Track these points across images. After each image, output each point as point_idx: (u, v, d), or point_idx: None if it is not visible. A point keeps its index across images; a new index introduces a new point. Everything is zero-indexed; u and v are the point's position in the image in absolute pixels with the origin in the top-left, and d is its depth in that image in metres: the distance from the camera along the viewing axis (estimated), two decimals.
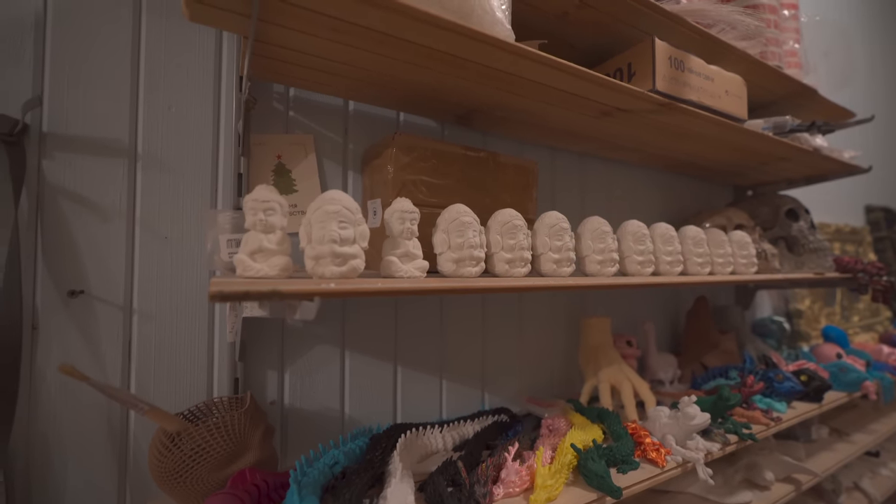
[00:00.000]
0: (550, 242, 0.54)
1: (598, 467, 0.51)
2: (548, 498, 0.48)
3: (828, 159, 0.91)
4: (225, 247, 0.46)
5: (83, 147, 0.49)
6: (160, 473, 0.45)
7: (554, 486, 0.49)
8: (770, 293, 1.27)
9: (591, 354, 0.80)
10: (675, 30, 0.67)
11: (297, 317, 0.36)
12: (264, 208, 0.39)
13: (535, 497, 0.47)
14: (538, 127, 0.72)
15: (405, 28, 0.43)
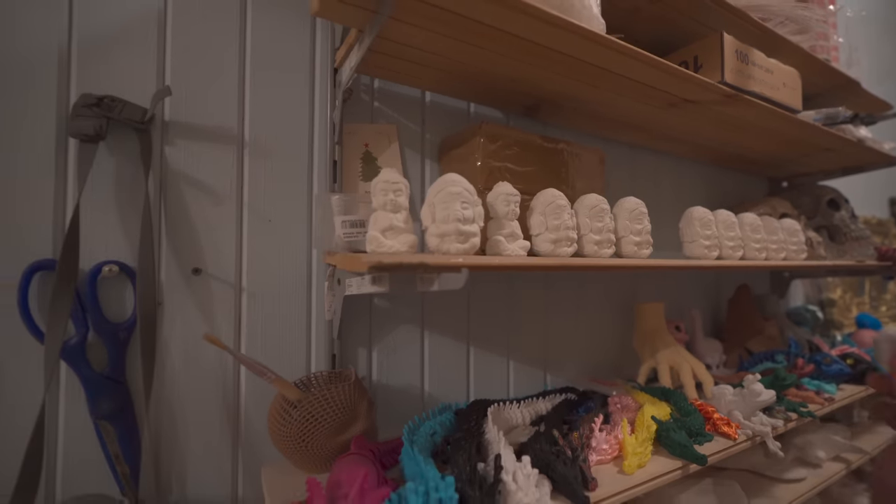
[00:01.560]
0: (631, 226, 0.57)
1: (680, 437, 0.54)
2: (639, 464, 0.51)
3: (870, 150, 0.94)
4: (340, 227, 0.49)
5: (199, 134, 0.53)
6: (282, 438, 0.48)
7: (643, 453, 0.52)
8: (803, 282, 1.30)
9: (646, 338, 0.83)
10: (738, 24, 0.70)
11: (434, 288, 0.39)
12: (394, 189, 0.42)
13: (629, 463, 0.50)
14: (600, 118, 0.75)
15: (513, 22, 0.46)
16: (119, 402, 0.47)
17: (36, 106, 0.45)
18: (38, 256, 0.45)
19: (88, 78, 0.47)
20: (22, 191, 0.44)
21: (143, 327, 0.46)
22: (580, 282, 0.85)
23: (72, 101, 0.47)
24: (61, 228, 0.46)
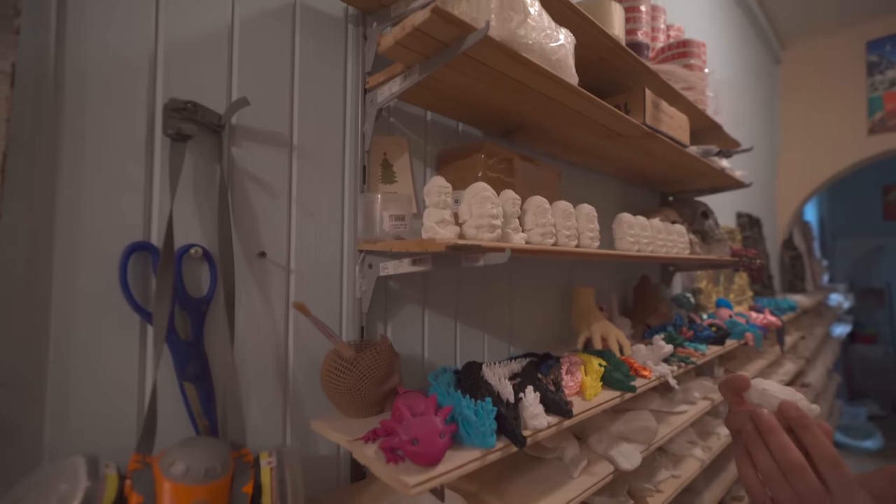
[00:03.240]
0: (587, 225, 0.78)
1: (618, 375, 0.77)
2: (595, 394, 0.72)
3: (728, 176, 1.29)
4: (388, 220, 0.62)
5: (259, 138, 0.62)
6: (338, 389, 0.60)
7: (596, 387, 0.73)
8: (681, 275, 1.67)
9: (581, 315, 1.06)
10: (653, 82, 0.95)
11: (479, 264, 0.54)
12: (445, 192, 0.57)
13: (589, 393, 0.71)
14: (558, 143, 0.96)
15: (523, 75, 0.64)
16: (200, 366, 0.55)
17: (129, 108, 0.52)
18: (131, 239, 0.51)
19: (171, 84, 0.54)
20: (117, 182, 0.51)
21: (227, 302, 0.55)
22: (534, 271, 1.06)
23: (157, 104, 0.53)
24: (149, 214, 0.53)
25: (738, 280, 2.10)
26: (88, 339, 0.48)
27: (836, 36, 2.84)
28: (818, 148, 2.89)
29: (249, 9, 0.61)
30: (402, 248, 0.58)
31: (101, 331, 0.49)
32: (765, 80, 2.89)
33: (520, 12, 0.58)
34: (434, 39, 0.54)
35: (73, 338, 0.48)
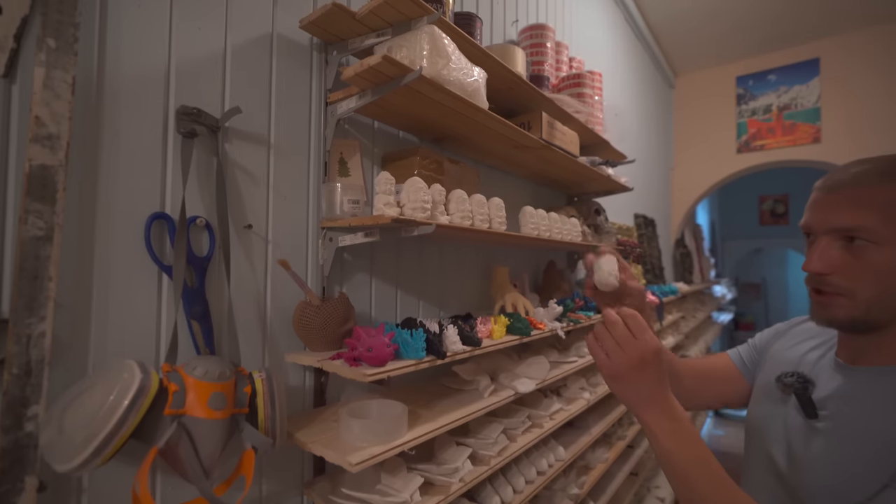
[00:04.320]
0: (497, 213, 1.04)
1: (519, 325, 1.04)
2: (501, 335, 0.98)
3: (614, 182, 1.64)
4: (347, 203, 0.83)
5: (245, 137, 0.80)
6: (308, 328, 0.80)
7: (502, 330, 0.99)
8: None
9: (498, 288, 1.33)
10: (549, 106, 1.24)
11: (414, 233, 0.77)
12: (390, 183, 0.80)
13: (496, 335, 0.96)
14: (478, 150, 1.22)
15: (448, 100, 0.88)
16: (203, 308, 0.72)
17: (150, 111, 0.69)
18: (152, 210, 0.68)
19: (180, 94, 0.72)
20: (141, 167, 0.67)
21: (225, 261, 0.73)
22: (460, 252, 1.31)
23: (170, 110, 0.71)
24: (164, 192, 0.70)
25: (633, 270, 2.52)
26: (121, 281, 0.65)
27: (714, 70, 3.42)
28: (702, 162, 3.46)
29: (238, 37, 0.80)
30: (358, 223, 0.79)
31: (129, 276, 0.66)
32: (661, 103, 3.41)
33: (444, 58, 0.82)
34: (383, 74, 0.76)
35: (110, 279, 0.64)
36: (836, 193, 0.58)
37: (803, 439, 0.61)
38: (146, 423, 0.57)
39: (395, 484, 0.78)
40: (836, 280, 0.57)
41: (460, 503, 0.93)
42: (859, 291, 0.56)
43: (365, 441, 0.71)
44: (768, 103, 3.16)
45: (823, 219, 0.59)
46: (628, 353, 0.56)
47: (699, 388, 0.83)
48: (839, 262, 0.57)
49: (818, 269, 0.58)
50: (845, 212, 0.56)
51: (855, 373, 0.60)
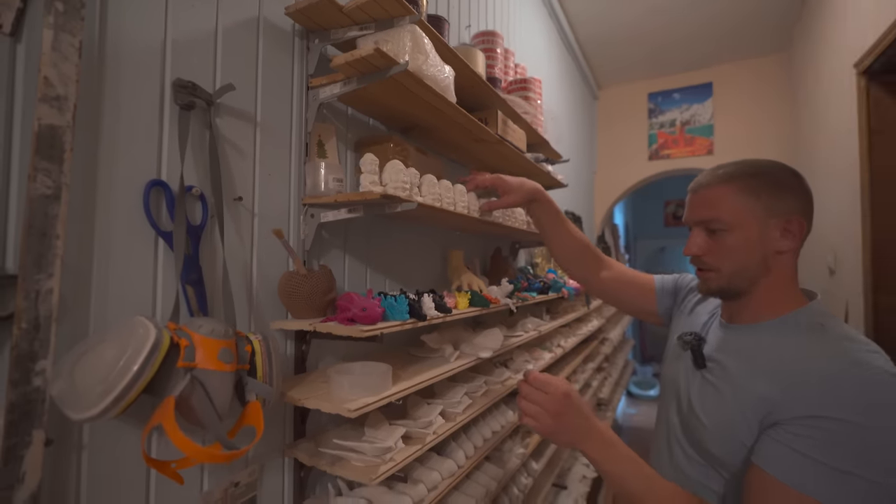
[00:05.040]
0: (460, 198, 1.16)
1: (480, 298, 1.16)
2: (464, 307, 1.09)
3: (552, 178, 1.83)
4: (332, 181, 0.90)
5: (234, 114, 0.84)
6: (294, 296, 0.85)
7: (465, 303, 1.11)
8: (524, 251, 2.21)
9: (454, 270, 1.45)
10: (502, 105, 1.39)
11: (397, 209, 0.85)
12: (374, 164, 0.88)
13: (460, 306, 1.08)
14: (442, 142, 1.33)
15: (423, 91, 0.97)
16: (198, 274, 0.75)
17: (147, 80, 0.71)
18: (149, 177, 0.70)
19: (175, 68, 0.74)
20: (139, 133, 0.69)
21: (220, 229, 0.76)
22: (422, 236, 1.41)
23: (166, 81, 0.73)
24: (160, 159, 0.72)
25: None
26: (120, 245, 0.67)
27: (630, 86, 3.85)
28: (619, 167, 3.88)
29: (228, 18, 0.83)
30: (346, 199, 0.86)
31: (128, 240, 0.68)
32: (587, 112, 3.77)
33: (424, 54, 0.92)
34: (372, 65, 0.84)
35: (110, 243, 0.66)
36: (698, 194, 0.76)
37: (697, 387, 0.75)
38: (159, 377, 0.61)
39: (378, 435, 0.86)
40: (706, 260, 0.74)
41: (430, 456, 1.04)
42: (722, 267, 0.72)
43: (355, 394, 0.79)
44: (673, 118, 3.63)
45: (692, 214, 0.76)
46: (549, 410, 0.68)
47: (618, 289, 1.01)
48: (706, 246, 0.74)
49: (691, 253, 0.76)
50: (704, 208, 0.74)
51: (732, 329, 0.76)
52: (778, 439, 0.59)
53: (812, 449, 0.55)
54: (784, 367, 0.63)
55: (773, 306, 0.72)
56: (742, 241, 0.71)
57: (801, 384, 0.60)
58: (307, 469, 0.94)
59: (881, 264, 1.83)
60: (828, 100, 2.36)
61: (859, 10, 1.95)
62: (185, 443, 0.57)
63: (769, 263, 0.71)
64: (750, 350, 0.70)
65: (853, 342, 0.62)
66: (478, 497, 1.15)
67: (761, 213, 0.70)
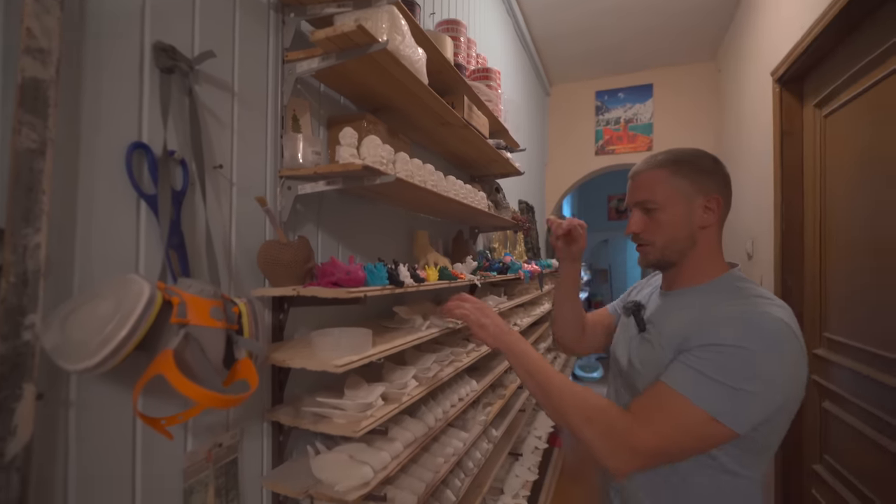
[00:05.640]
0: (430, 177, 1.22)
1: (447, 272, 1.23)
2: (434, 279, 1.16)
3: (510, 165, 1.93)
4: (310, 154, 0.92)
5: (212, 81, 0.84)
6: (278, 263, 0.88)
7: (435, 276, 1.17)
8: (483, 236, 2.31)
9: (420, 249, 1.51)
10: (468, 91, 1.46)
11: (376, 182, 0.89)
12: (354, 138, 0.92)
13: (430, 278, 1.14)
14: (407, 123, 1.37)
15: (399, 71, 1.02)
16: (180, 238, 0.76)
17: (128, 41, 0.70)
18: (131, 139, 0.70)
19: (155, 31, 0.74)
20: (121, 93, 0.69)
21: (202, 194, 0.78)
22: (389, 217, 1.46)
23: (146, 43, 0.73)
24: (140, 121, 0.72)
25: (519, 247, 2.92)
26: (103, 205, 0.67)
27: (579, 84, 4.07)
28: (569, 160, 4.09)
29: None
30: (326, 171, 0.90)
31: (111, 201, 0.68)
32: (540, 106, 3.94)
33: (401, 35, 0.96)
34: (352, 41, 0.88)
35: (93, 202, 0.66)
36: (635, 179, 0.88)
37: (637, 347, 0.85)
38: (152, 333, 0.62)
39: (359, 395, 0.91)
40: (643, 236, 0.86)
41: (404, 418, 1.10)
42: (656, 241, 0.85)
43: (338, 354, 0.83)
44: (618, 116, 3.88)
45: (631, 197, 0.88)
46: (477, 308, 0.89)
47: (593, 334, 1.11)
48: (643, 224, 0.86)
49: (631, 231, 0.88)
50: (640, 191, 0.86)
51: (667, 295, 0.89)
52: (683, 361, 0.71)
53: (708, 368, 0.68)
54: (701, 314, 0.76)
55: (701, 274, 0.85)
56: (672, 217, 0.83)
57: (710, 322, 0.72)
58: (286, 433, 0.97)
59: (785, 251, 2.10)
60: (750, 104, 2.65)
61: (776, 24, 2.21)
62: (190, 386, 0.59)
63: (696, 237, 0.83)
64: (679, 308, 0.83)
65: (762, 297, 0.75)
66: (446, 456, 1.22)
67: (687, 192, 0.82)
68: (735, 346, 0.67)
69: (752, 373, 0.66)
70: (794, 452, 2.01)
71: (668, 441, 0.69)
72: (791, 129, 2.09)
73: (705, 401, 0.66)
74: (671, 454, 0.71)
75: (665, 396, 0.70)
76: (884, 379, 1.39)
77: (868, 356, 1.51)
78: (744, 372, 0.66)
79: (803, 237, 2.06)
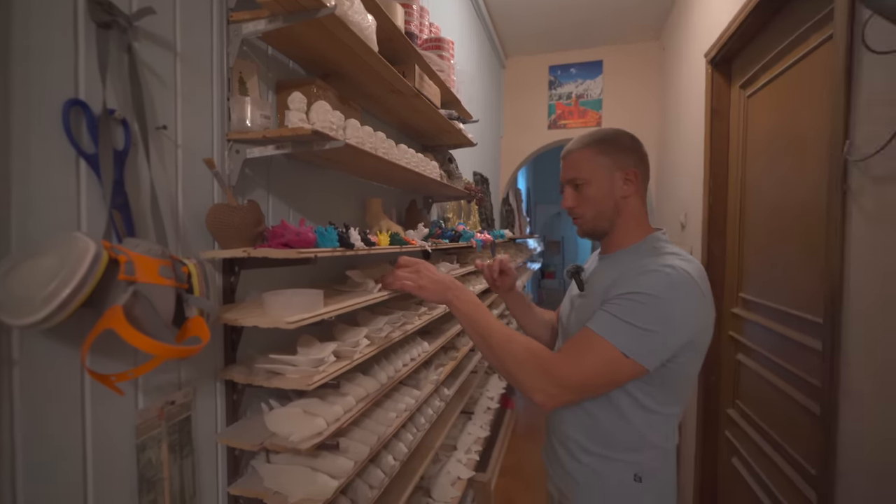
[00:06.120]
0: (380, 145, 1.24)
1: (399, 238, 1.28)
2: (386, 242, 1.21)
3: (463, 136, 1.98)
4: (259, 118, 0.93)
5: (153, 39, 0.82)
6: (228, 226, 0.89)
7: (387, 241, 1.22)
8: (437, 206, 2.36)
9: (373, 217, 1.55)
10: (419, 60, 1.47)
11: (325, 147, 0.91)
12: (303, 102, 0.93)
13: (382, 243, 1.19)
14: (357, 90, 1.38)
15: (346, 36, 1.02)
16: (123, 198, 0.76)
17: None
18: (67, 96, 0.69)
19: None
20: (55, 53, 0.67)
21: (145, 153, 0.77)
22: (343, 184, 1.47)
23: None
24: (76, 77, 0.70)
25: (473, 217, 3.00)
26: (40, 164, 0.66)
27: (534, 58, 4.12)
28: (523, 133, 4.18)
29: None
30: (275, 135, 0.91)
31: (48, 159, 0.67)
32: (495, 79, 3.96)
33: (350, 0, 0.97)
34: (299, 4, 0.88)
35: (29, 162, 0.65)
36: (566, 159, 0.98)
37: (578, 306, 0.99)
38: (99, 290, 0.63)
39: (311, 352, 0.96)
40: (577, 210, 0.97)
41: (356, 376, 1.16)
42: (587, 213, 0.96)
43: (290, 312, 0.87)
44: (570, 91, 3.99)
45: (564, 175, 0.98)
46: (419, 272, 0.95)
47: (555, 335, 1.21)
48: (575, 199, 0.97)
49: (566, 206, 0.98)
50: (570, 169, 0.97)
51: (603, 259, 1.01)
52: (604, 309, 0.83)
53: (623, 313, 0.79)
54: (623, 269, 0.87)
55: (628, 238, 0.97)
56: (597, 191, 0.94)
57: (628, 275, 0.84)
58: (240, 392, 1.01)
59: (711, 221, 2.31)
60: (687, 84, 2.81)
61: (710, 7, 2.34)
62: (143, 339, 0.61)
63: (619, 207, 0.95)
64: (609, 268, 0.95)
65: (674, 255, 0.87)
66: (398, 412, 1.31)
67: (609, 168, 0.93)
68: (645, 293, 0.78)
69: (656, 316, 0.77)
70: (713, 399, 2.27)
71: (590, 376, 0.80)
72: (720, 109, 2.26)
73: (619, 341, 0.77)
74: (594, 387, 0.82)
75: (588, 338, 0.80)
76: (786, 332, 1.60)
77: (774, 312, 1.72)
78: (650, 316, 0.77)
79: (727, 209, 2.26)
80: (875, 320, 1.02)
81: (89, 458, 0.73)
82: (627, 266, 0.88)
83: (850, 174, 1.14)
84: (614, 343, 0.77)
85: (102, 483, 0.74)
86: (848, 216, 1.15)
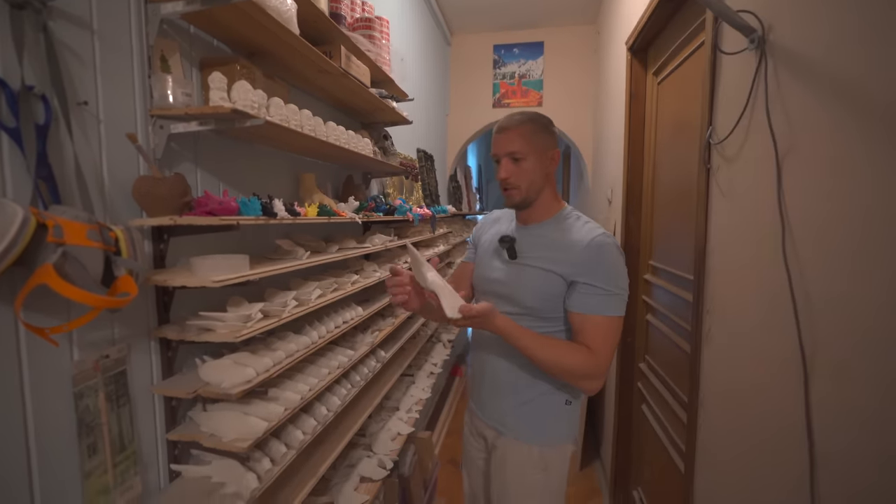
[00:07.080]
0: (307, 122, 1.33)
1: (327, 209, 1.39)
2: (313, 213, 1.31)
3: (397, 114, 2.07)
4: (181, 95, 1.00)
5: (68, 18, 0.87)
6: (155, 196, 0.97)
7: (314, 212, 1.32)
8: (377, 181, 2.46)
9: (307, 191, 1.64)
10: (346, 41, 1.55)
11: (247, 125, 0.99)
12: (223, 81, 1.00)
13: (309, 213, 1.29)
14: (289, 71, 1.44)
15: (266, 20, 1.10)
16: (48, 170, 0.83)
17: None
18: None
19: None
20: None
21: (66, 125, 0.83)
22: (274, 160, 1.54)
23: None
24: None
25: (416, 193, 3.12)
26: None
27: (479, 36, 4.20)
28: (469, 111, 4.30)
29: None
30: (196, 112, 0.98)
31: None
32: (440, 56, 4.03)
33: None
34: None
35: None
36: (504, 133, 1.13)
37: (513, 272, 1.16)
38: (29, 251, 0.71)
39: (240, 310, 1.06)
40: (511, 181, 1.13)
41: (287, 335, 1.28)
42: (522, 184, 1.12)
43: (217, 273, 0.97)
44: (513, 71, 4.13)
45: (501, 148, 1.13)
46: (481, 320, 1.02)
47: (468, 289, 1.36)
48: (512, 171, 1.12)
49: (503, 177, 1.13)
50: (509, 143, 1.12)
51: (526, 229, 1.19)
52: (581, 292, 1.05)
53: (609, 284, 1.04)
54: (562, 240, 1.09)
55: (548, 210, 1.17)
56: (533, 165, 1.12)
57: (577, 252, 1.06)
58: (174, 349, 1.11)
59: (629, 197, 2.56)
60: (614, 68, 3.02)
61: None
62: (76, 291, 0.71)
63: (544, 182, 1.13)
64: (540, 238, 1.14)
65: (591, 223, 1.11)
66: (331, 368, 1.44)
67: (544, 145, 1.13)
68: (609, 265, 1.04)
69: (622, 276, 1.05)
70: (629, 355, 2.56)
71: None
72: (637, 93, 2.48)
73: (616, 309, 1.04)
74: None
75: (599, 323, 1.03)
76: (680, 293, 1.85)
77: (672, 276, 1.97)
78: (621, 279, 1.04)
79: (642, 185, 2.51)
80: (727, 277, 1.25)
81: (28, 403, 0.81)
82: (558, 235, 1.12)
83: (712, 155, 1.36)
84: (615, 314, 1.03)
85: (43, 425, 0.83)
86: (711, 190, 1.37)
